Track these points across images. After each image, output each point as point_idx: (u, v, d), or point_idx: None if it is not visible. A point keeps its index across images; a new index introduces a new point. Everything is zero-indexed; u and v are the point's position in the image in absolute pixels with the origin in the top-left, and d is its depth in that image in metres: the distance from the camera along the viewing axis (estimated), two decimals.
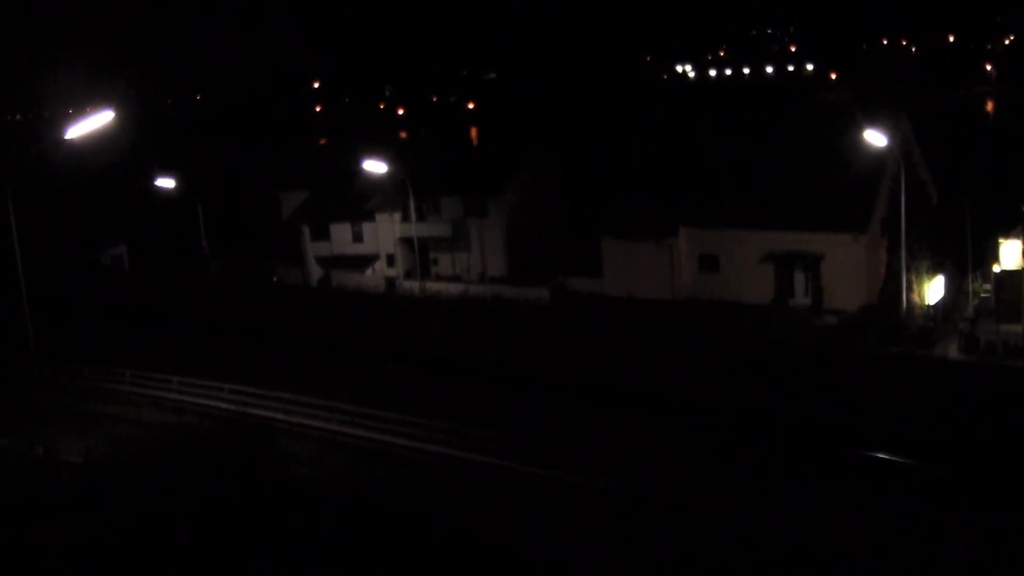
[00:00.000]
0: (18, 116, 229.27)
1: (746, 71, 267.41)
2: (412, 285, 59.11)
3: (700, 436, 33.82)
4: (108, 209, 70.65)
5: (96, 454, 33.93)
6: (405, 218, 59.90)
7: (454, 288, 57.63)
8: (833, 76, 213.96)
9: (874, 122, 42.59)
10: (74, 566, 26.45)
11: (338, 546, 26.78)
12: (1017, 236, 44.85)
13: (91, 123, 33.09)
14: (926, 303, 44.43)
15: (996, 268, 45.59)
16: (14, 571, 26.56)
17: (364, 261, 61.37)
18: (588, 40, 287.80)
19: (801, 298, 48.07)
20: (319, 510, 28.42)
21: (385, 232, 62.38)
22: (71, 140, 34.31)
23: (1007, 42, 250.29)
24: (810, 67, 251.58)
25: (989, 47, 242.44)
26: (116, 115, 33.82)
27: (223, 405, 38.58)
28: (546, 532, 27.96)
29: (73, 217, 67.71)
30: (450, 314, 52.04)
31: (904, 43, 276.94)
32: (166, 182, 63.31)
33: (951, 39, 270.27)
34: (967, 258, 45.00)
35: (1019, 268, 43.60)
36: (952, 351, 39.84)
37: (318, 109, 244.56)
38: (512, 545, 27.25)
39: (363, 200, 63.12)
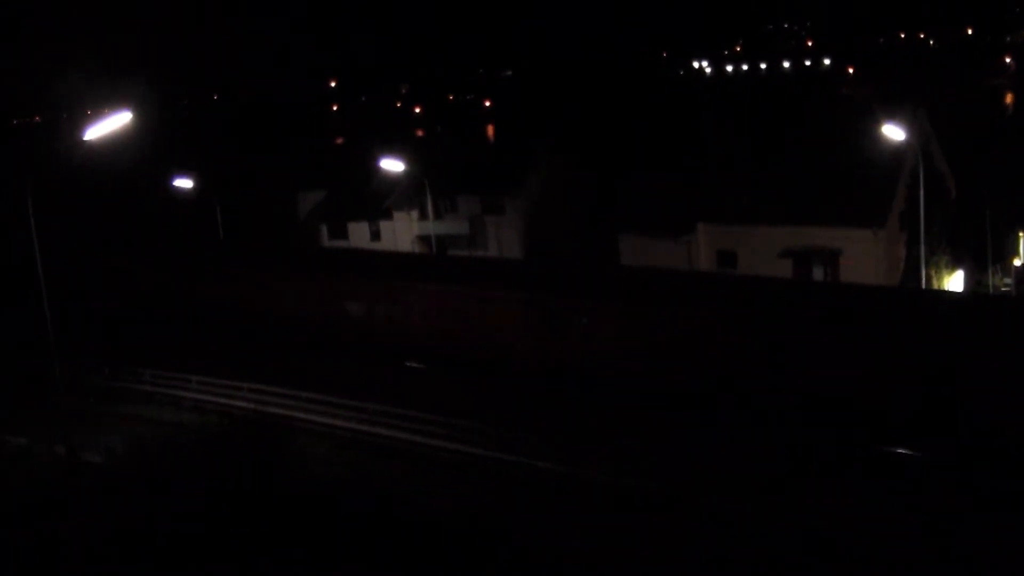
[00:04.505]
0: (37, 118, 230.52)
1: (763, 66, 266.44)
2: None
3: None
4: (127, 209, 70.97)
5: (117, 454, 34.16)
6: (423, 216, 59.99)
7: None
8: (851, 70, 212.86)
9: (892, 116, 42.40)
10: (95, 565, 26.65)
11: (354, 544, 26.88)
12: None
13: (109, 124, 33.24)
14: None
15: (1016, 262, 45.41)
16: (36, 570, 26.77)
17: None
18: (605, 37, 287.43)
19: None
20: (335, 508, 28.54)
21: (403, 230, 62.52)
22: (90, 141, 34.46)
23: None
24: (827, 62, 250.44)
25: (1008, 39, 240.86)
26: (134, 116, 33.96)
27: (242, 404, 38.75)
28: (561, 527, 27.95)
29: (92, 217, 68.03)
30: None
31: (922, 36, 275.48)
32: (184, 182, 63.55)
33: (969, 32, 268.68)
34: (987, 252, 44.78)
35: None
36: None
37: (335, 108, 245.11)
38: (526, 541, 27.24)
39: (380, 198, 63.26)
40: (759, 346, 33.92)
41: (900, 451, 29.48)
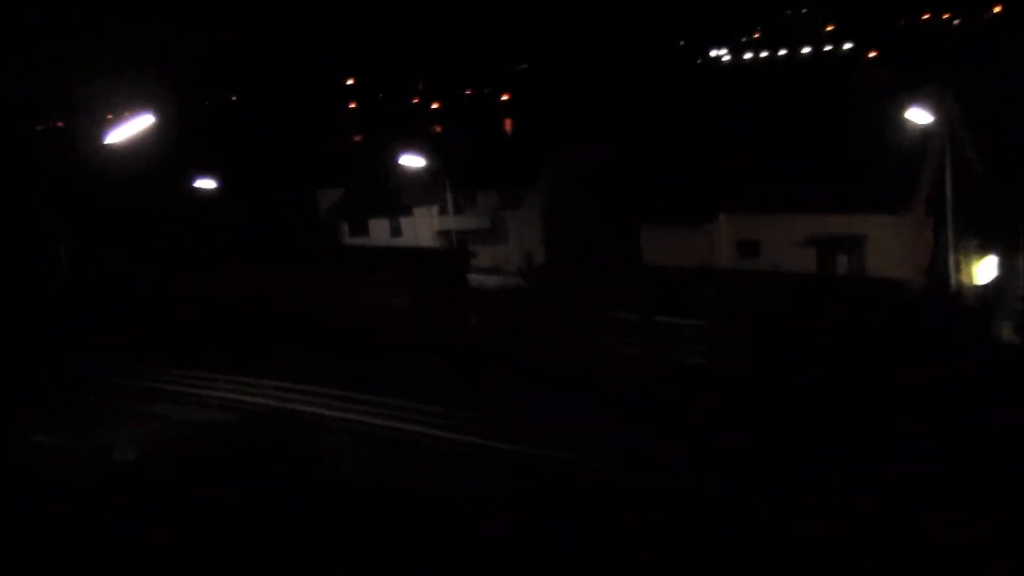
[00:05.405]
0: (60, 123, 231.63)
1: (782, 52, 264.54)
2: None
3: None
4: (147, 209, 71.24)
5: (142, 452, 34.31)
6: (442, 212, 59.79)
7: (492, 280, 57.28)
8: (873, 54, 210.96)
9: (917, 99, 41.74)
10: (122, 564, 26.65)
11: (377, 542, 26.72)
12: None
13: (131, 127, 33.30)
14: (975, 284, 43.55)
15: None
16: (63, 569, 26.80)
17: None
18: (620, 28, 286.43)
19: None
20: (357, 506, 28.46)
21: (423, 226, 62.33)
22: (112, 144, 34.56)
23: None
24: (848, 46, 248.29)
25: None
26: (155, 118, 33.98)
27: (265, 401, 38.84)
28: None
29: (113, 218, 68.43)
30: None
31: (946, 16, 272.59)
32: (204, 182, 63.63)
33: (996, 10, 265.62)
34: (1018, 236, 44.01)
35: None
36: (1006, 332, 38.84)
37: (352, 106, 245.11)
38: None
39: (400, 195, 63.10)
40: None
41: None
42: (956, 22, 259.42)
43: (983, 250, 43.97)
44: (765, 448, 29.94)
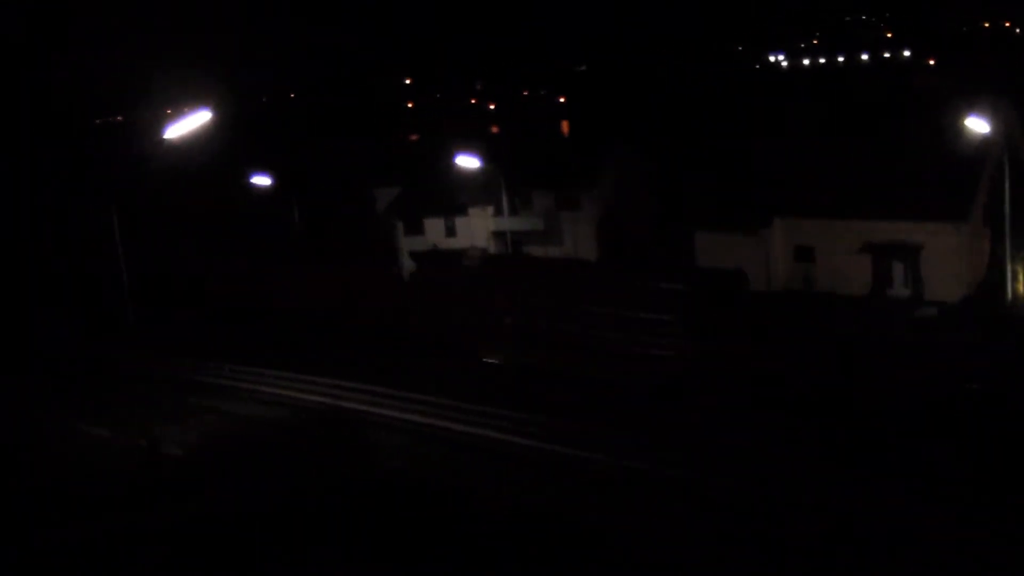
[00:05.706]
0: (120, 117, 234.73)
1: (840, 59, 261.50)
2: None
3: None
4: (204, 206, 72.29)
5: (196, 447, 34.82)
6: (498, 212, 60.02)
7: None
8: (931, 62, 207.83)
9: (976, 107, 41.29)
10: (174, 557, 27.15)
11: (434, 541, 26.98)
12: None
13: (189, 123, 33.94)
14: None
15: None
16: (118, 561, 27.36)
17: (457, 256, 61.67)
18: (678, 30, 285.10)
19: (900, 289, 46.90)
20: (412, 503, 28.72)
21: (478, 226, 62.57)
22: (170, 140, 35.21)
23: None
24: (907, 53, 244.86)
25: None
26: (213, 114, 34.60)
27: (317, 399, 39.26)
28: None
29: (171, 214, 69.59)
30: None
31: (1007, 24, 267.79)
32: (262, 179, 64.44)
33: None
34: None
35: None
36: None
37: (409, 105, 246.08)
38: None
39: (455, 195, 63.42)
40: None
41: None
42: (1018, 30, 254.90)
43: None
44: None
